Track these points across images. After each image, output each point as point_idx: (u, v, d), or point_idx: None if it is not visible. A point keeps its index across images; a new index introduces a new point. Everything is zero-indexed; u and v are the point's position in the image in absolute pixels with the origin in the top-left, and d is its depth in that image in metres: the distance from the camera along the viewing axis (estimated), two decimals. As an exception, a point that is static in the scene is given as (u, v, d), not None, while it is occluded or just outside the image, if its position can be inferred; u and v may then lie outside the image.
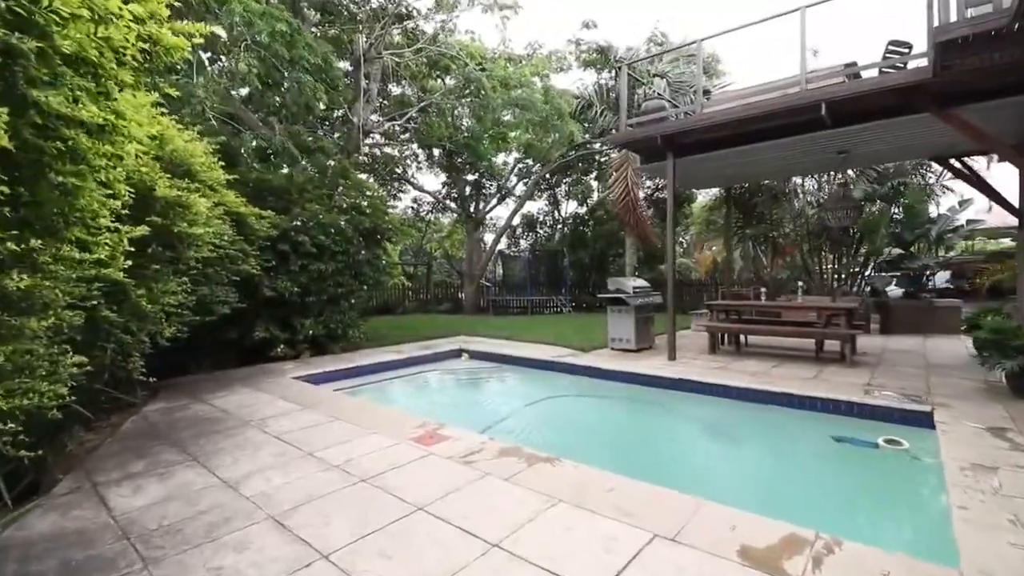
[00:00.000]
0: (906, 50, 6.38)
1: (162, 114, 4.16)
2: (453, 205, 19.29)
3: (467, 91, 9.06)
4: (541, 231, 22.53)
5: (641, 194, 11.40)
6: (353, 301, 7.96)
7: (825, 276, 12.82)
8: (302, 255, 7.06)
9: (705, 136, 7.00)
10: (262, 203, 6.66)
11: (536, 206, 21.83)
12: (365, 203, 7.82)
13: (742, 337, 8.22)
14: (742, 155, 7.45)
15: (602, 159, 19.44)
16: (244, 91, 6.69)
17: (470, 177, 16.57)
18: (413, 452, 3.56)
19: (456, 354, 8.60)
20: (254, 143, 6.60)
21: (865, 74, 6.44)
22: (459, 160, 14.33)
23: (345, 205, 7.44)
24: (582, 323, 12.08)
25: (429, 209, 20.58)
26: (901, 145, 7.17)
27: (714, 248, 23.58)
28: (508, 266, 19.36)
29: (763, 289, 8.32)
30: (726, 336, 8.31)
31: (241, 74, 5.71)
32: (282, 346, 7.28)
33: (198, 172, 4.09)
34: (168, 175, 3.47)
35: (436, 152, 16.31)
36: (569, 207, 21.32)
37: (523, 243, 22.00)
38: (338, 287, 7.61)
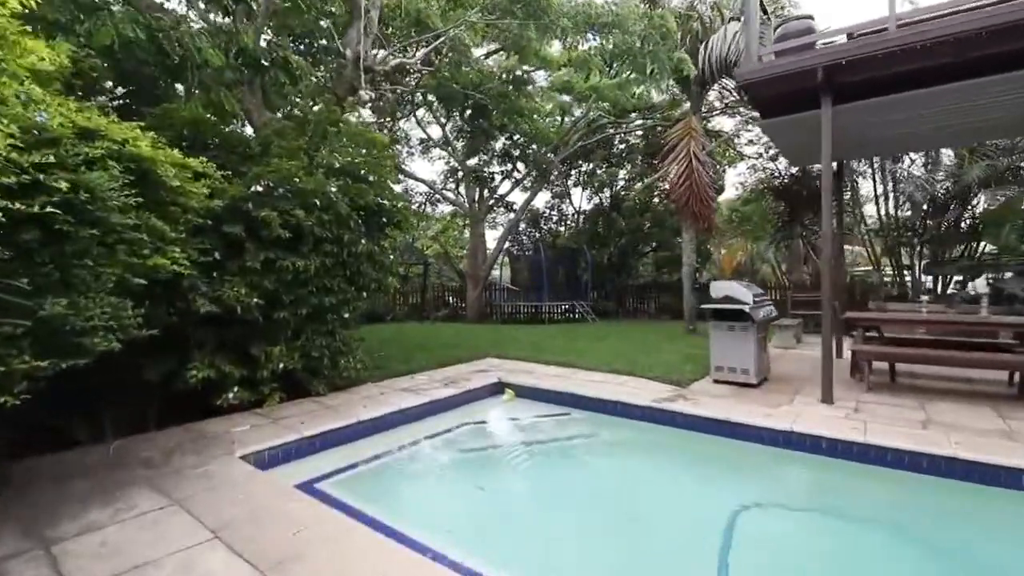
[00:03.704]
0: None
1: None
2: (452, 196, 16.59)
3: (516, 4, 6.28)
4: (546, 227, 20.08)
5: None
6: (347, 315, 5.28)
7: (902, 277, 10.75)
8: (267, 243, 4.35)
9: (892, 70, 4.63)
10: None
11: (541, 198, 19.35)
12: (365, 169, 5.13)
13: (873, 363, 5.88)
14: (927, 103, 5.09)
15: (620, 144, 17.09)
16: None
17: (496, 146, 13.53)
18: None
19: (495, 390, 6.00)
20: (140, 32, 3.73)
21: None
22: (482, 122, 11.12)
23: (338, 165, 4.74)
24: (634, 337, 9.60)
25: (423, 201, 17.86)
26: None
27: (732, 245, 21.60)
28: (516, 267, 16.78)
29: (924, 297, 6.01)
30: (868, 363, 5.93)
31: None
32: (236, 389, 4.55)
33: None
34: None
35: (435, 126, 13.52)
36: (580, 200, 18.91)
37: (525, 239, 19.46)
38: (325, 294, 4.92)
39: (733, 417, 4.38)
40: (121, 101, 5.53)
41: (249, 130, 6.60)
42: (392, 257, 5.74)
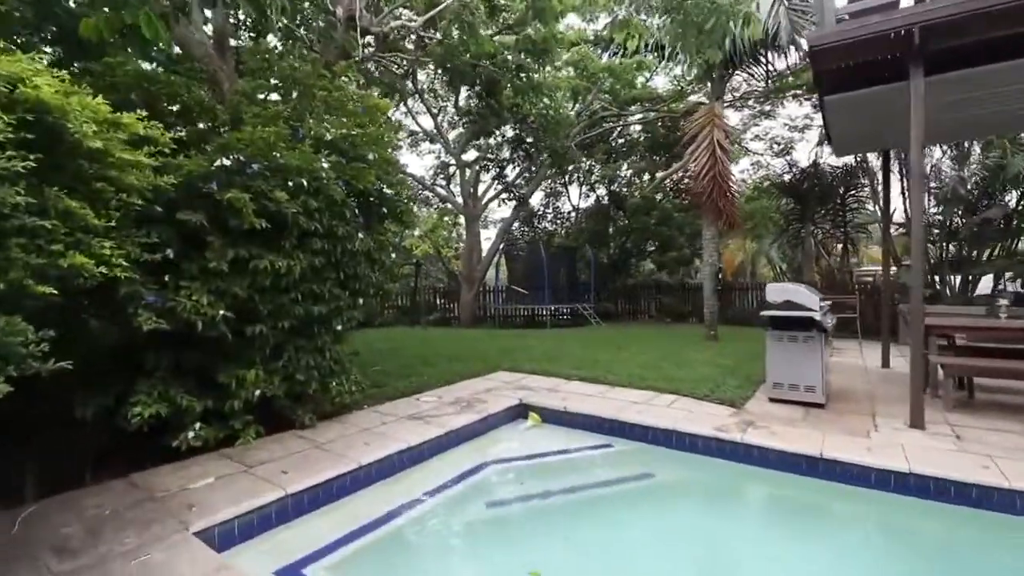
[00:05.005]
0: None
1: None
2: (443, 192, 15.61)
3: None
4: (540, 225, 19.19)
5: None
6: (340, 328, 4.29)
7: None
8: (237, 236, 3.34)
9: (1000, 32, 3.87)
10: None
11: (536, 197, 18.47)
12: (364, 143, 4.14)
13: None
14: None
15: (619, 139, 16.31)
16: None
17: (508, 132, 12.43)
18: None
19: (517, 414, 5.07)
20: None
21: None
22: (491, 101, 9.98)
23: (329, 137, 3.75)
24: (652, 344, 8.72)
25: (413, 197, 16.80)
26: None
27: (728, 245, 21.04)
28: (512, 267, 15.84)
29: (1003, 301, 5.29)
30: (954, 378, 5.18)
31: None
32: (198, 425, 3.54)
33: None
34: None
35: (426, 117, 12.41)
36: (578, 198, 18.08)
37: (520, 239, 18.54)
38: (313, 302, 3.94)
39: (828, 453, 3.53)
40: (74, 70, 4.49)
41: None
42: (394, 256, 4.75)
